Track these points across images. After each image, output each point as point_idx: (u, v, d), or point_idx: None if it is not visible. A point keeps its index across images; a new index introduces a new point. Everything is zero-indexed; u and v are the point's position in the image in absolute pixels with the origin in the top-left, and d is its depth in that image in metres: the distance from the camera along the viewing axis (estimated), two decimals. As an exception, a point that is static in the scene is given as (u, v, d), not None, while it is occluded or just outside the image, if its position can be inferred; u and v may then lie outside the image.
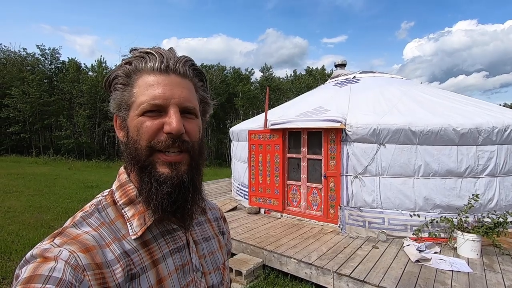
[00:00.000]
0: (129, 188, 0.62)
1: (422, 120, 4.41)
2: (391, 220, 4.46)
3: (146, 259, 0.57)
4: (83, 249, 0.50)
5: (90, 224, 0.56)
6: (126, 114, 0.60)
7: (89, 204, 0.61)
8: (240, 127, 6.96)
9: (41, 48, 27.05)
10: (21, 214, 6.27)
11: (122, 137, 0.62)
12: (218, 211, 0.86)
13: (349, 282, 3.29)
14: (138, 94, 0.58)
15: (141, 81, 0.58)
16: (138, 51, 0.60)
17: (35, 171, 13.00)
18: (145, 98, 0.57)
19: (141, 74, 0.59)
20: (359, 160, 4.59)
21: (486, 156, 4.32)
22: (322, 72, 33.92)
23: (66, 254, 0.48)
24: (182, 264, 0.63)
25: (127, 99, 0.59)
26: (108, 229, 0.56)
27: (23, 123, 23.70)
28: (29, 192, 8.43)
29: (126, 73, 0.59)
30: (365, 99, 5.40)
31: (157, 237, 0.61)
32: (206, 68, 31.86)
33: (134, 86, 0.59)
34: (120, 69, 0.60)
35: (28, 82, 23.09)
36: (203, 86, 0.68)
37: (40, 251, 0.48)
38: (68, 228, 0.54)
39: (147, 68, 0.59)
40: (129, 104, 0.59)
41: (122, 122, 0.61)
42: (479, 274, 3.35)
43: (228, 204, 6.24)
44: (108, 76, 0.62)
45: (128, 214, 0.60)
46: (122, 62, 0.61)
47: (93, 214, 0.58)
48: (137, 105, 0.57)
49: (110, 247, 0.54)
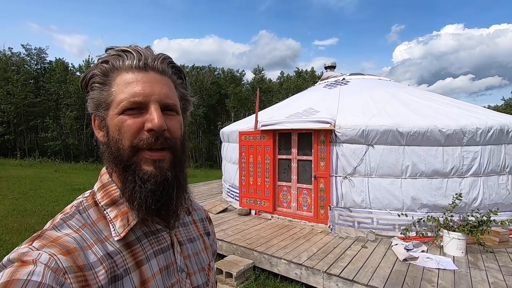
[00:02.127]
0: (112, 189, 0.61)
1: (409, 122, 4.50)
2: (379, 220, 4.52)
3: (129, 261, 0.56)
4: (64, 252, 0.48)
5: (71, 226, 0.54)
6: (105, 113, 0.58)
7: (70, 206, 0.59)
8: (230, 128, 6.95)
9: (26, 48, 26.44)
10: (4, 218, 6.07)
11: (101, 137, 0.61)
12: (203, 212, 0.85)
13: (338, 282, 3.32)
14: (117, 92, 0.57)
15: (119, 79, 0.57)
16: (114, 49, 0.60)
17: (20, 174, 12.64)
18: (124, 96, 0.56)
19: (119, 73, 0.58)
20: (349, 161, 4.64)
21: (470, 157, 4.44)
22: (312, 74, 34.24)
23: (46, 257, 0.46)
24: (166, 265, 0.62)
25: (105, 98, 0.58)
26: (90, 231, 0.55)
27: (7, 124, 23.07)
28: (13, 196, 8.19)
29: (103, 72, 0.58)
30: (354, 101, 5.48)
31: (140, 238, 0.60)
32: (197, 70, 31.73)
33: (112, 85, 0.58)
34: (96, 68, 0.59)
35: (13, 82, 22.53)
36: (183, 83, 0.67)
37: (17, 255, 0.46)
38: (47, 231, 0.52)
39: (125, 66, 0.58)
40: (108, 103, 0.58)
41: (101, 121, 0.60)
42: (464, 272, 3.43)
43: (219, 206, 6.20)
44: (84, 75, 0.61)
45: (110, 215, 0.59)
46: (98, 61, 0.60)
47: (73, 215, 0.57)
48: (117, 103, 0.56)
49: (93, 249, 0.53)
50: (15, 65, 25.42)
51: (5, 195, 8.23)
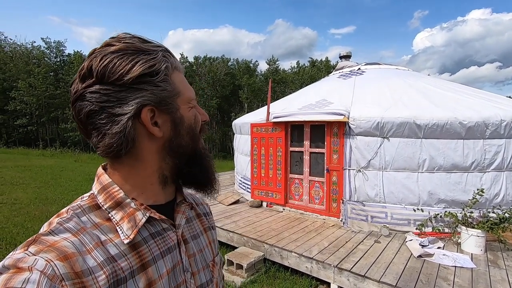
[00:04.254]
0: (114, 191, 0.58)
1: (427, 113, 4.30)
2: (394, 215, 4.41)
3: (135, 263, 0.54)
4: (61, 257, 0.46)
5: (69, 230, 0.52)
6: (174, 107, 0.60)
7: (65, 210, 0.57)
8: (242, 120, 6.91)
9: (46, 41, 27.18)
10: (27, 206, 6.38)
11: (160, 132, 0.58)
12: (206, 206, 0.84)
13: (350, 277, 3.27)
14: (181, 88, 0.61)
15: (176, 77, 0.61)
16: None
17: (42, 163, 13.19)
18: (190, 93, 0.64)
19: (173, 71, 0.61)
20: (362, 154, 4.52)
21: (493, 150, 4.21)
22: (326, 63, 33.49)
23: (42, 263, 0.44)
24: (173, 265, 0.61)
25: (170, 93, 0.59)
26: (89, 235, 0.53)
27: (30, 115, 24.02)
28: (36, 184, 8.57)
29: (167, 67, 0.59)
30: (370, 92, 5.29)
31: (147, 239, 0.58)
32: (210, 61, 31.68)
33: (170, 82, 0.59)
34: (161, 63, 0.57)
35: (34, 75, 23.28)
36: None
37: (13, 261, 0.44)
38: (43, 236, 0.50)
39: (175, 65, 0.62)
40: (172, 97, 0.60)
41: (166, 115, 0.59)
42: (483, 270, 3.30)
43: (231, 197, 6.24)
44: (146, 66, 0.54)
45: (116, 218, 0.56)
46: (159, 54, 0.57)
47: (71, 219, 0.54)
48: (187, 99, 0.63)
49: (92, 254, 0.50)
50: (36, 58, 26.26)
51: (28, 184, 8.62)
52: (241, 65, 32.89)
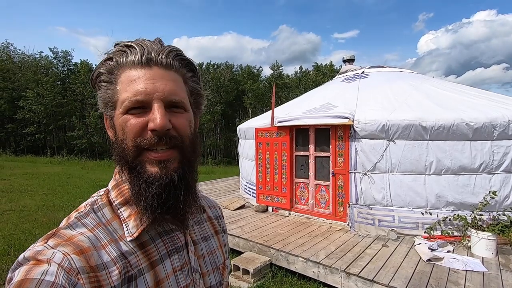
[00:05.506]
0: (124, 188, 0.59)
1: (433, 115, 4.27)
2: (401, 218, 4.35)
3: (143, 261, 0.55)
4: (78, 251, 0.48)
5: (85, 225, 0.54)
6: (112, 112, 0.57)
7: (84, 204, 0.59)
8: (247, 125, 6.93)
9: (53, 51, 27.74)
10: (34, 212, 6.44)
11: (112, 136, 0.60)
12: (218, 209, 0.84)
13: (357, 281, 3.22)
14: (121, 91, 0.55)
15: (124, 76, 0.55)
16: (120, 45, 0.57)
17: (50, 171, 13.34)
18: (127, 95, 0.54)
19: (123, 69, 0.55)
20: (368, 157, 4.49)
21: (502, 152, 4.15)
22: (330, 67, 33.53)
23: (60, 256, 0.46)
24: (180, 265, 0.61)
25: (111, 97, 0.56)
26: (104, 230, 0.55)
27: (38, 124, 24.41)
28: (43, 192, 8.65)
29: (108, 69, 0.56)
30: (374, 95, 5.28)
31: (154, 238, 0.59)
32: (214, 67, 31.96)
33: (117, 83, 0.55)
34: (102, 66, 0.57)
35: (42, 84, 23.73)
36: (193, 76, 0.63)
37: (33, 253, 0.47)
38: (62, 229, 0.52)
39: (127, 62, 0.55)
40: (114, 102, 0.56)
41: (110, 121, 0.59)
42: (495, 274, 3.22)
43: (236, 202, 6.23)
44: (92, 74, 0.59)
45: (124, 214, 0.58)
46: (104, 58, 0.58)
47: (88, 214, 0.56)
48: (121, 102, 0.54)
49: (106, 249, 0.52)
50: (44, 68, 26.80)
51: (36, 191, 8.71)
52: (244, 70, 33.11)
